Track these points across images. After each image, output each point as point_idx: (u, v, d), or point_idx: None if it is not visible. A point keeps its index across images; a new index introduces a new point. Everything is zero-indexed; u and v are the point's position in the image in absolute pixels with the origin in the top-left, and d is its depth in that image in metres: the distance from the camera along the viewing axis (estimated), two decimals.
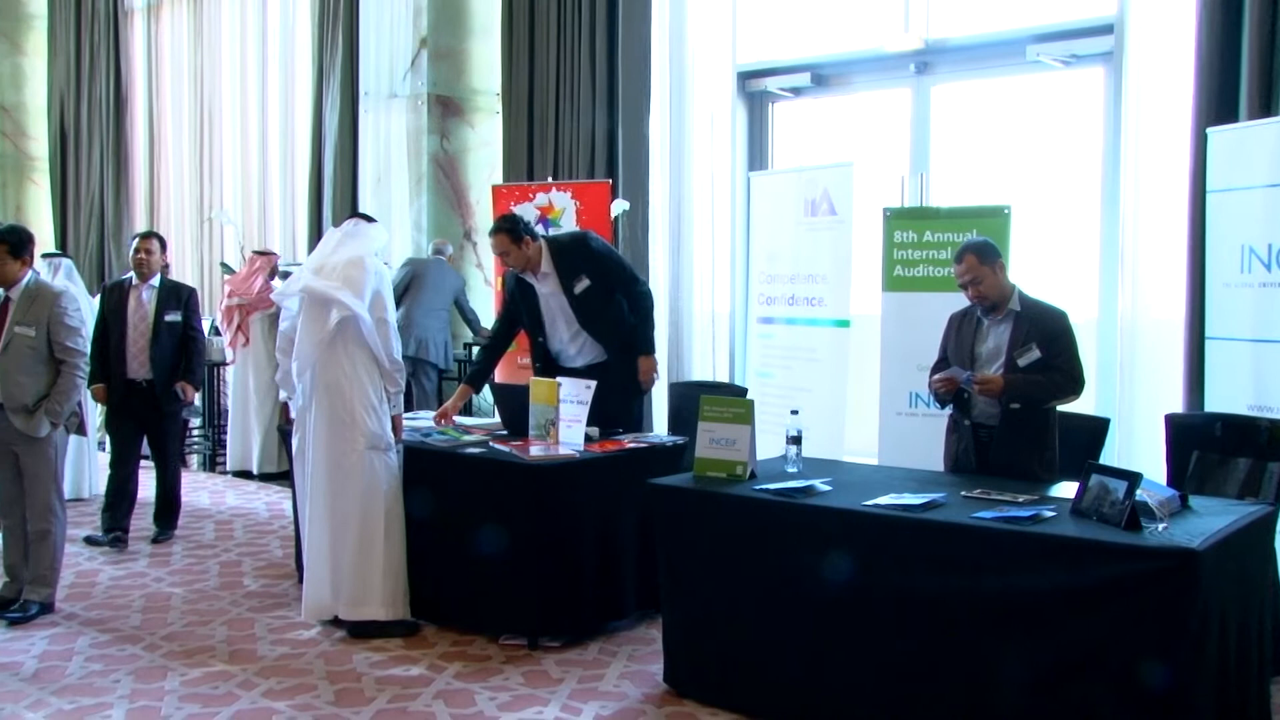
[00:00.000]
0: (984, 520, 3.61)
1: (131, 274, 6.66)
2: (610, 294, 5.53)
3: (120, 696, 4.33)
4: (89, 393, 6.32)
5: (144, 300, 6.60)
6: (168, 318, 6.58)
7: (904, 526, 3.71)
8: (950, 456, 4.63)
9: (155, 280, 6.64)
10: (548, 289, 5.54)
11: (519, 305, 5.67)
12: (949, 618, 3.61)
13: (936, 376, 4.52)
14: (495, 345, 5.92)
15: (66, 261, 7.82)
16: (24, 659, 4.75)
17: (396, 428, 5.10)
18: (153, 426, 6.71)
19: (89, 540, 6.59)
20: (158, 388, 6.52)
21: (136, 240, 6.74)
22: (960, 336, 4.59)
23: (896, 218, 5.95)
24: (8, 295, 5.23)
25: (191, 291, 6.88)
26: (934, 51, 6.87)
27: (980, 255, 4.41)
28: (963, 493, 4.00)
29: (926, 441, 5.11)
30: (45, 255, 7.84)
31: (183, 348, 6.63)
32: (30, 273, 5.33)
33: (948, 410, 4.65)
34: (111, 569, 6.11)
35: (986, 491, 3.97)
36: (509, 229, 5.42)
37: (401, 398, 5.14)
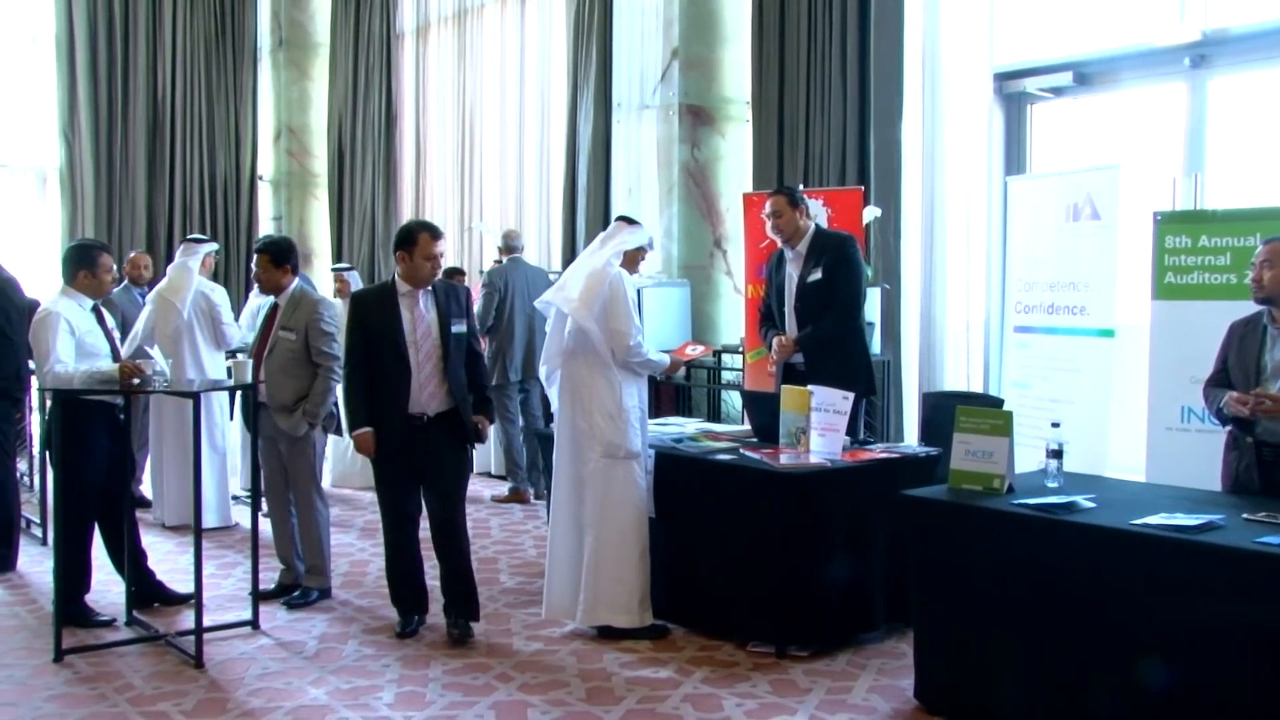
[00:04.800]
0: (1270, 546, 3.36)
1: (395, 278, 5.04)
2: (828, 295, 5.46)
3: (389, 680, 4.61)
4: (353, 442, 5.09)
5: (423, 309, 5.00)
6: (455, 329, 5.03)
7: (1177, 549, 3.50)
8: (1230, 476, 4.33)
9: None
10: (792, 269, 5.62)
11: (771, 284, 5.75)
12: (1224, 650, 3.38)
13: (1232, 396, 4.21)
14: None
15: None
16: (306, 639, 5.14)
17: (673, 366, 5.28)
18: (434, 476, 5.04)
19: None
20: (463, 420, 5.05)
21: (427, 238, 4.94)
22: (1243, 347, 4.28)
23: (1169, 222, 5.63)
24: (276, 302, 5.67)
25: (467, 290, 5.41)
26: (1212, 43, 6.46)
27: None
28: (1244, 515, 3.74)
29: (1200, 459, 4.81)
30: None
31: (468, 367, 5.12)
32: (297, 281, 5.73)
33: (1226, 426, 4.36)
34: (380, 560, 6.43)
35: (1272, 515, 3.70)
36: (789, 192, 5.66)
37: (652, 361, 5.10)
